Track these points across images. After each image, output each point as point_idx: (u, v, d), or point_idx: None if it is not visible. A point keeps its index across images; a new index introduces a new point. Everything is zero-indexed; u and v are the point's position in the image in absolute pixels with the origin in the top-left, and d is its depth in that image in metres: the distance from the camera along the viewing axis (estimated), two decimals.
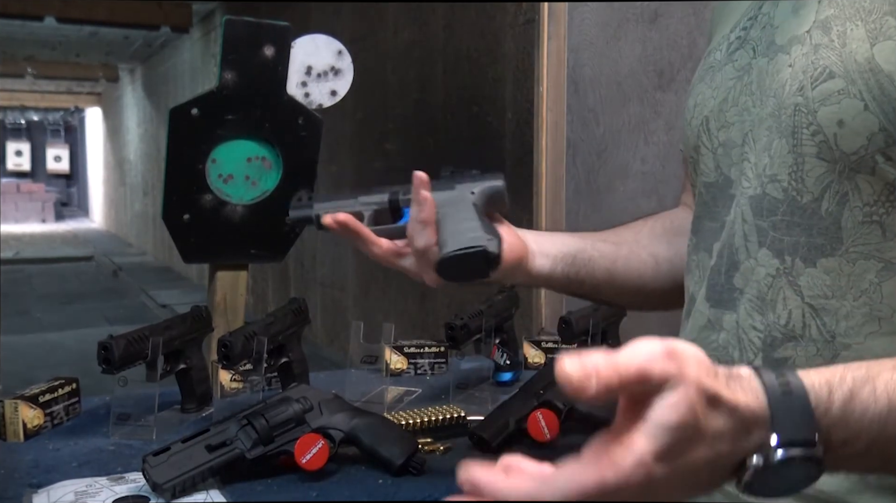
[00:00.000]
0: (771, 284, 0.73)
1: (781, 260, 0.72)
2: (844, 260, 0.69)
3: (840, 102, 0.67)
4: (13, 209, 16.95)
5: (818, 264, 0.70)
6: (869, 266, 0.68)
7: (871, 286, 0.68)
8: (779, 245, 0.72)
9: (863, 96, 0.66)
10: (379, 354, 1.53)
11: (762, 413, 0.52)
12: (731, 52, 0.81)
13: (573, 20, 2.03)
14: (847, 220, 0.68)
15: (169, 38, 8.82)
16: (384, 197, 1.05)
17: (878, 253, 0.68)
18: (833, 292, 0.69)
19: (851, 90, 0.66)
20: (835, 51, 0.68)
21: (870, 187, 0.67)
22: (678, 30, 1.70)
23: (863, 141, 0.66)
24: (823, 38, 0.69)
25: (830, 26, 0.69)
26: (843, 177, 0.68)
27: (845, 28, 0.68)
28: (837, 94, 0.67)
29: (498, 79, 2.76)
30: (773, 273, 0.73)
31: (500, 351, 1.58)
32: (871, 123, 0.65)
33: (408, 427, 1.27)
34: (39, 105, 16.63)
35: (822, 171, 0.69)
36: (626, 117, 1.87)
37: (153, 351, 1.29)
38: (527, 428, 1.25)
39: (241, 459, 1.09)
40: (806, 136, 0.69)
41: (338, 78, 1.61)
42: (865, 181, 0.67)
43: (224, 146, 1.57)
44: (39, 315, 7.23)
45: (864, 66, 0.66)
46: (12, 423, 1.26)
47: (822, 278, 0.70)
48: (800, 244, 0.71)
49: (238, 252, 1.63)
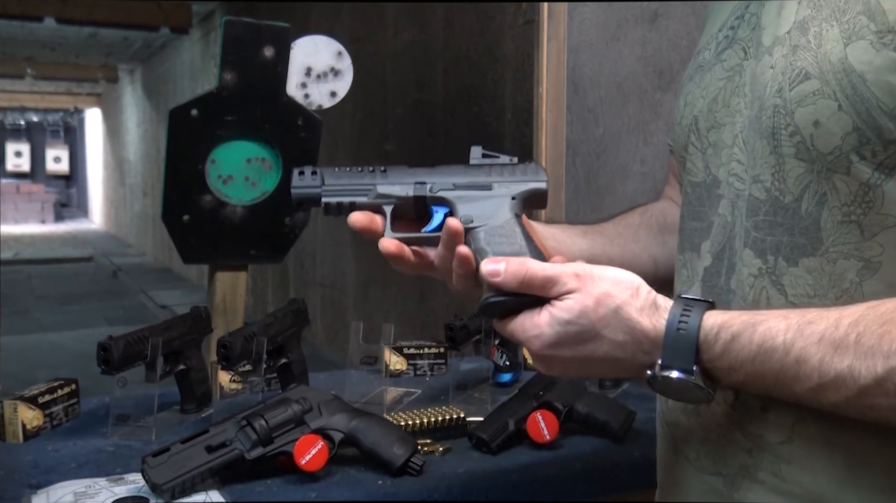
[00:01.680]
0: (753, 284, 0.74)
1: (764, 259, 0.73)
2: (825, 259, 0.70)
3: (816, 103, 0.68)
4: (13, 210, 16.95)
5: (800, 264, 0.71)
6: (849, 265, 0.69)
7: (852, 285, 0.69)
8: (761, 245, 0.74)
9: (836, 96, 0.66)
10: (378, 355, 1.53)
11: (657, 341, 0.72)
12: (719, 52, 0.82)
13: (573, 20, 2.03)
14: (826, 220, 0.69)
15: (169, 38, 8.83)
16: (408, 190, 0.88)
17: (857, 252, 0.68)
18: (815, 291, 0.70)
19: (826, 90, 0.67)
20: (811, 52, 0.69)
21: (846, 187, 0.68)
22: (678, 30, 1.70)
23: (837, 141, 0.67)
24: (801, 38, 0.70)
25: (808, 27, 0.70)
26: (821, 177, 0.69)
27: (821, 29, 0.68)
28: (813, 94, 0.68)
29: (498, 79, 2.77)
30: (756, 273, 0.74)
31: (500, 352, 1.58)
32: (845, 123, 0.66)
33: (407, 428, 1.27)
34: (39, 106, 16.64)
35: (800, 172, 0.70)
36: (626, 118, 1.87)
37: (153, 351, 1.29)
38: (526, 428, 1.25)
39: (240, 460, 1.09)
40: (784, 137, 0.70)
41: (337, 79, 1.61)
42: (842, 181, 0.68)
43: (224, 147, 1.57)
44: (39, 315, 7.23)
45: (837, 67, 0.66)
46: (12, 424, 1.26)
47: (805, 278, 0.71)
48: (782, 244, 0.72)
49: (238, 253, 1.63)
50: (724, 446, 0.77)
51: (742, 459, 0.76)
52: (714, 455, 0.78)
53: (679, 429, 0.83)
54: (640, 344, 0.72)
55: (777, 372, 0.67)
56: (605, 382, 1.60)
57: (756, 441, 0.75)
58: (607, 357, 0.73)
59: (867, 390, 0.63)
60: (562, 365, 0.76)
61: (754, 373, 0.69)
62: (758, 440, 0.75)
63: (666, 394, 0.74)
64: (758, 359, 0.68)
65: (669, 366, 0.71)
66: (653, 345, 0.72)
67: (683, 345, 0.70)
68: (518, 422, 1.25)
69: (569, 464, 1.21)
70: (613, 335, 0.72)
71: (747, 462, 0.75)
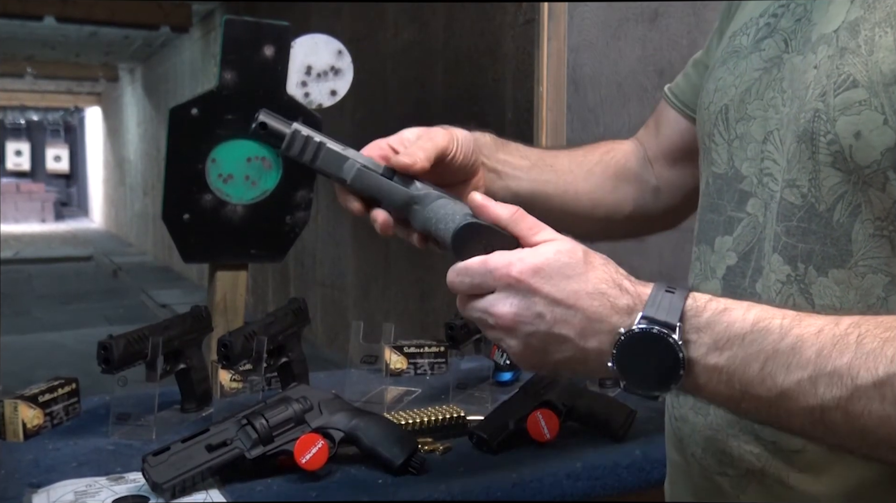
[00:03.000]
0: (780, 290, 0.72)
1: (794, 267, 0.71)
2: (853, 272, 0.68)
3: (860, 113, 0.65)
4: (13, 209, 16.95)
5: (829, 274, 0.69)
6: (877, 280, 0.67)
7: (878, 301, 0.67)
8: (792, 251, 0.71)
9: (884, 109, 0.63)
10: (379, 354, 1.53)
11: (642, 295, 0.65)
12: (758, 40, 0.78)
13: (573, 20, 2.03)
14: (858, 233, 0.67)
15: (169, 37, 8.82)
16: None
17: (886, 267, 0.67)
18: (842, 303, 0.69)
19: (873, 102, 0.64)
20: (861, 57, 0.65)
21: (880, 202, 0.66)
22: (678, 30, 1.70)
23: (877, 155, 0.64)
24: (850, 41, 0.67)
25: (859, 29, 0.66)
26: (857, 188, 0.66)
27: (873, 34, 0.65)
28: (858, 104, 0.65)
29: (498, 79, 2.77)
30: (784, 280, 0.72)
31: (500, 351, 1.58)
32: (887, 138, 0.63)
33: (408, 427, 1.27)
34: (39, 105, 16.63)
35: (836, 181, 0.68)
36: (626, 117, 1.87)
37: (153, 351, 1.29)
38: (527, 428, 1.25)
39: (240, 459, 1.09)
40: (823, 144, 0.68)
41: (338, 78, 1.61)
42: (877, 196, 0.66)
43: (224, 146, 1.57)
44: (39, 315, 7.23)
45: (889, 78, 0.63)
46: (12, 423, 1.26)
47: (833, 289, 0.69)
48: (814, 252, 0.70)
49: (238, 252, 1.63)
50: (732, 448, 0.76)
51: (750, 463, 0.75)
52: (721, 456, 0.78)
53: (686, 426, 0.82)
54: (623, 294, 0.65)
55: (768, 356, 0.61)
56: (606, 381, 1.60)
57: (768, 446, 0.74)
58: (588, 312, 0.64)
59: (863, 392, 0.58)
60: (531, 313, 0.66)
61: (741, 356, 0.61)
62: (770, 446, 0.74)
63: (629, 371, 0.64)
64: (748, 338, 0.61)
65: (651, 318, 0.63)
66: (636, 299, 0.65)
67: (670, 302, 0.64)
68: (518, 422, 1.25)
69: (569, 464, 1.21)
70: (597, 281, 0.65)
71: (755, 466, 0.75)
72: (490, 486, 1.14)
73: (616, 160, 1.04)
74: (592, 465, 1.21)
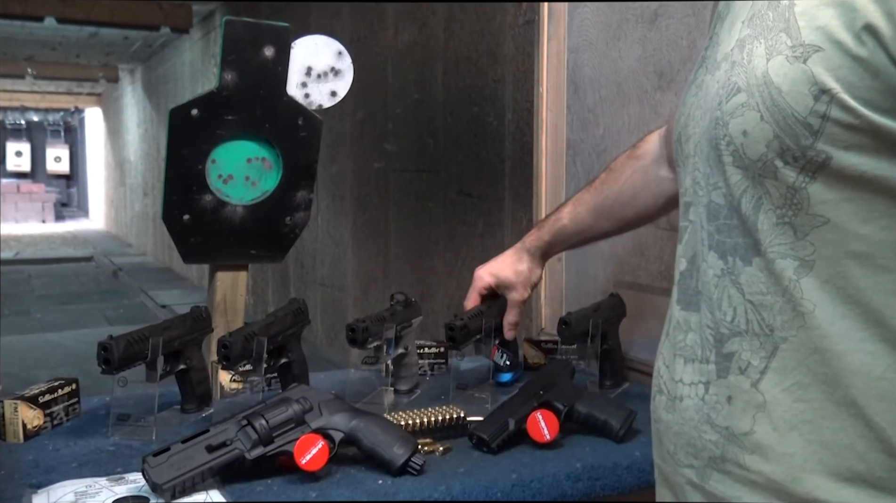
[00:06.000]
0: (717, 284, 0.79)
1: (725, 260, 0.78)
2: (767, 259, 0.75)
3: (744, 114, 0.74)
4: (13, 209, 16.96)
5: (753, 263, 0.76)
6: (787, 265, 0.73)
7: (791, 283, 0.73)
8: (721, 247, 0.79)
9: (759, 108, 0.72)
10: (379, 355, 1.52)
11: None
12: (696, 70, 0.89)
13: (573, 20, 2.02)
14: (763, 223, 0.74)
15: (169, 38, 8.82)
16: None
17: (793, 252, 0.73)
18: (767, 289, 0.75)
19: (751, 102, 0.73)
20: (743, 67, 0.75)
21: (777, 191, 0.73)
22: (678, 30, 1.70)
23: (762, 148, 0.73)
24: (738, 55, 0.76)
25: (744, 45, 0.76)
26: (756, 182, 0.74)
27: (752, 46, 0.75)
28: (742, 106, 0.74)
29: (498, 79, 2.76)
30: (719, 273, 0.79)
31: (500, 351, 1.58)
32: (766, 132, 0.72)
33: (408, 427, 1.27)
34: (39, 105, 16.64)
35: (738, 178, 0.76)
36: (626, 118, 1.87)
37: (153, 351, 1.29)
38: (526, 428, 1.25)
39: (240, 460, 1.09)
40: (723, 146, 0.77)
41: (338, 78, 1.61)
42: (773, 185, 0.73)
43: (224, 146, 1.57)
44: (39, 315, 7.23)
45: (760, 80, 0.72)
46: (12, 424, 1.26)
47: (758, 275, 0.75)
48: (738, 245, 0.77)
49: (238, 252, 1.63)
50: (696, 439, 0.81)
51: (710, 451, 0.80)
52: (688, 448, 0.82)
53: (661, 424, 0.87)
54: None
55: None
56: (606, 382, 1.60)
57: (722, 433, 0.78)
58: None
59: None
60: None
61: None
62: (724, 432, 0.78)
63: None
64: None
65: None
66: None
67: None
68: (518, 422, 1.26)
69: (569, 464, 1.21)
70: None
71: (715, 453, 0.79)
72: (490, 486, 1.14)
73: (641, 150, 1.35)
74: (592, 466, 1.21)
